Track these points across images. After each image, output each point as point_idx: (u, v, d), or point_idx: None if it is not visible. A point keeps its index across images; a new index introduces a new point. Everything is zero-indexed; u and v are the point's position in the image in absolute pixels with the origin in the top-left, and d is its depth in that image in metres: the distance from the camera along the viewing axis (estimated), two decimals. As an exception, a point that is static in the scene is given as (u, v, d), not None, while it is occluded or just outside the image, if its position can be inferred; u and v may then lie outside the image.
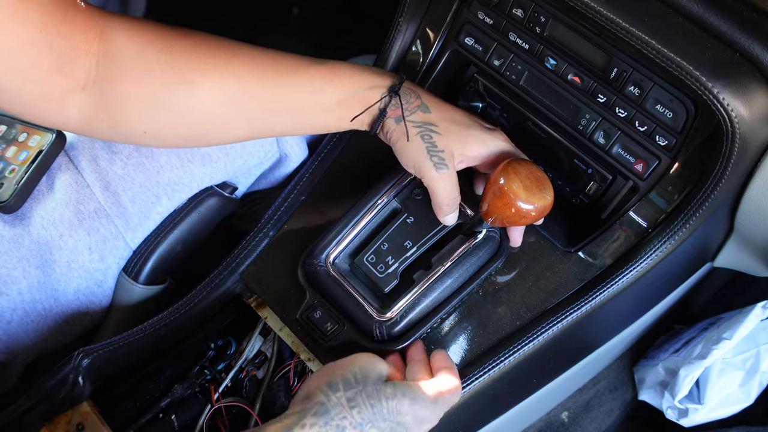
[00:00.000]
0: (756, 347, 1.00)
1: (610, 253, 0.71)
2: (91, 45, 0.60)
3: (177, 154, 0.78)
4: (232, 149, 0.81)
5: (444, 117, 0.68)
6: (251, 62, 0.65)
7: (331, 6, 1.51)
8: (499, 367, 0.68)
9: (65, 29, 0.58)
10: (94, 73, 0.61)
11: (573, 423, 1.16)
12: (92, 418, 0.70)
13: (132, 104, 0.62)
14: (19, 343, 0.76)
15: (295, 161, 0.88)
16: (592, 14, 0.62)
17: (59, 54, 0.58)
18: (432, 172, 0.66)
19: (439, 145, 0.66)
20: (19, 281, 0.73)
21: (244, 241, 0.79)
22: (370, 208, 0.73)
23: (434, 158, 0.66)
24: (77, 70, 0.60)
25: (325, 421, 0.54)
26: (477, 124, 0.69)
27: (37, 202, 0.74)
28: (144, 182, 0.77)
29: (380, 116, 0.67)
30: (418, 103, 0.68)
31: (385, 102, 0.67)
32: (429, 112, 0.67)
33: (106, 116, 0.63)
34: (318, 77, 0.66)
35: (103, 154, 0.76)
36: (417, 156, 0.66)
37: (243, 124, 0.67)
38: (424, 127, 0.66)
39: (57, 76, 0.59)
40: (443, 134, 0.66)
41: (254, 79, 0.64)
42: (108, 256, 0.77)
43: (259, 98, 0.65)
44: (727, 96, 0.58)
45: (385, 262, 0.70)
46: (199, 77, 0.62)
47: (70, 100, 0.61)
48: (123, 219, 0.77)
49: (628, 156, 0.71)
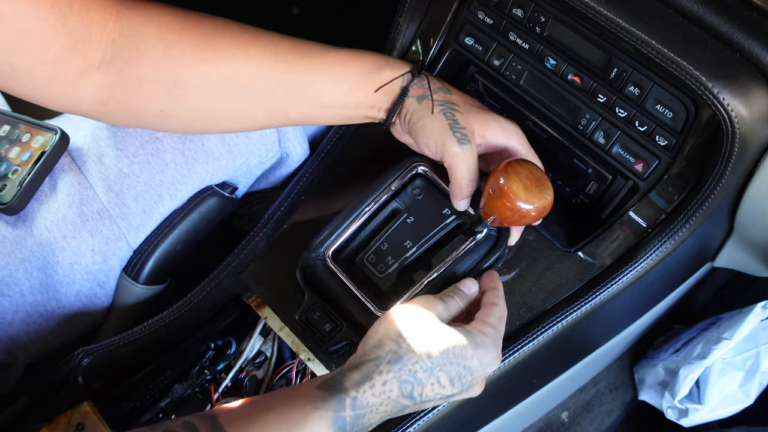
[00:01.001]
0: (756, 347, 1.00)
1: (610, 253, 0.71)
2: (107, 23, 0.59)
3: (182, 151, 0.78)
4: (235, 146, 0.81)
5: (465, 100, 0.69)
6: (271, 45, 0.65)
7: (331, 6, 1.51)
8: (499, 367, 0.68)
9: (77, 5, 0.57)
10: (110, 52, 0.60)
11: (573, 423, 1.16)
12: (92, 418, 0.70)
13: (150, 83, 0.62)
14: (20, 343, 0.76)
15: (296, 161, 0.88)
16: (592, 14, 0.62)
17: (72, 31, 0.57)
18: (455, 148, 0.65)
19: (462, 122, 0.67)
20: (21, 283, 0.73)
21: (244, 241, 0.79)
22: (370, 203, 0.73)
23: (457, 134, 0.66)
24: (92, 49, 0.59)
25: (399, 367, 0.55)
26: (496, 112, 0.70)
27: (40, 204, 0.74)
28: (149, 180, 0.77)
29: (401, 96, 0.67)
30: (440, 85, 0.69)
31: (407, 79, 0.67)
32: (450, 93, 0.69)
33: (123, 96, 0.62)
34: (338, 62, 0.66)
35: (110, 151, 0.76)
36: (440, 132, 0.66)
37: (260, 109, 0.67)
38: (447, 105, 0.67)
39: (71, 54, 0.58)
40: (465, 113, 0.67)
41: (273, 62, 0.64)
42: (111, 258, 0.77)
43: (278, 81, 0.65)
44: (727, 96, 0.58)
45: (385, 262, 0.70)
46: (218, 58, 0.63)
47: (84, 81, 0.60)
48: (126, 219, 0.77)
49: (628, 156, 0.71)
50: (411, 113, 0.68)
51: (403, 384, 0.55)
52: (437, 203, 0.73)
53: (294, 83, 0.66)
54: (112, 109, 0.64)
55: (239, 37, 0.64)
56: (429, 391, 0.56)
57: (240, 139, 0.81)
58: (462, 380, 0.58)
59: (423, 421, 0.67)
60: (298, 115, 0.69)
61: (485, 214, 0.65)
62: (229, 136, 0.80)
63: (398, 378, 0.55)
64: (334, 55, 0.67)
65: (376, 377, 0.55)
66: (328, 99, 0.67)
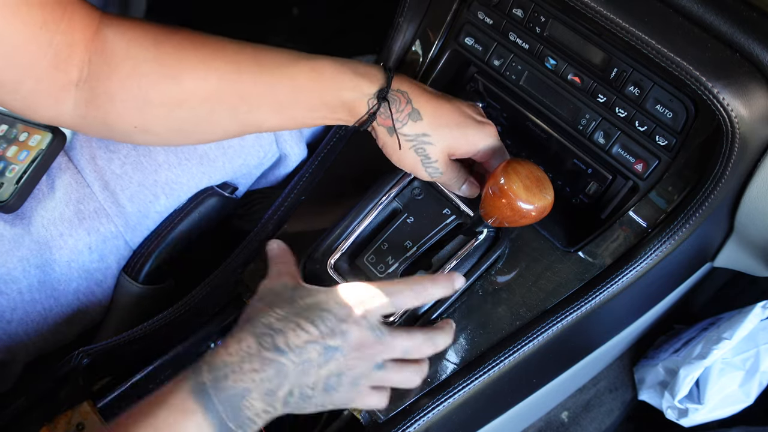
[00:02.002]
0: (756, 347, 1.00)
1: (610, 253, 0.71)
2: (87, 42, 0.61)
3: (174, 152, 0.78)
4: (230, 148, 0.81)
5: (436, 122, 0.66)
6: (233, 57, 0.64)
7: (331, 6, 1.51)
8: (499, 367, 0.68)
9: (64, 26, 0.59)
10: (87, 70, 0.62)
11: (573, 423, 1.16)
12: (92, 418, 0.70)
13: (120, 101, 0.63)
14: (18, 342, 0.76)
15: (295, 161, 0.88)
16: (592, 14, 0.62)
17: (58, 50, 0.59)
18: (428, 179, 0.69)
19: (432, 156, 0.67)
20: (19, 281, 0.73)
21: (244, 241, 0.79)
22: (370, 210, 0.73)
23: (429, 169, 0.68)
24: (71, 67, 0.61)
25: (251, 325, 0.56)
26: (470, 121, 0.68)
27: (38, 202, 0.74)
28: (142, 181, 0.77)
29: (368, 121, 0.67)
30: (409, 111, 0.66)
31: (374, 109, 0.66)
32: (420, 119, 0.66)
33: (98, 112, 0.64)
34: (301, 75, 0.65)
35: (101, 153, 0.76)
36: (412, 165, 0.68)
37: (230, 121, 0.66)
38: (417, 140, 0.66)
39: (54, 71, 0.60)
40: (436, 143, 0.66)
41: (235, 74, 0.64)
42: (108, 256, 0.77)
43: (241, 94, 0.65)
44: (727, 96, 0.58)
45: (385, 262, 0.70)
46: (182, 73, 0.63)
47: (64, 96, 0.62)
48: (122, 218, 0.77)
49: (628, 156, 0.71)
50: (384, 144, 0.68)
51: (261, 337, 0.55)
52: (437, 203, 0.73)
53: (258, 97, 0.65)
54: (90, 123, 0.65)
55: (203, 50, 0.64)
56: (294, 338, 0.55)
57: (234, 141, 0.81)
58: (327, 324, 0.56)
59: (423, 421, 0.67)
60: (272, 125, 0.68)
61: (485, 214, 0.65)
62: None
63: (253, 333, 0.55)
64: (296, 66, 0.65)
65: (229, 339, 0.56)
66: (293, 112, 0.67)
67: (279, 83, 0.65)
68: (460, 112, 0.68)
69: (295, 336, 0.55)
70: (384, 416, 0.68)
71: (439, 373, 0.69)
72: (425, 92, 0.68)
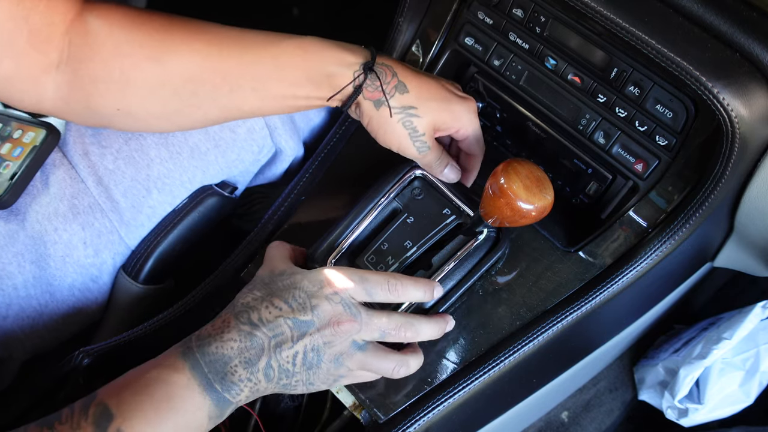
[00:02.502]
0: (756, 347, 1.00)
1: (610, 253, 0.71)
2: (68, 25, 0.62)
3: (166, 146, 0.78)
4: (222, 141, 0.81)
5: (422, 95, 0.67)
6: (216, 38, 0.65)
7: (331, 6, 1.51)
8: (499, 367, 0.68)
9: (43, 6, 0.60)
10: (67, 52, 0.63)
11: (573, 423, 1.16)
12: (92, 418, 0.70)
13: (103, 82, 0.64)
14: (14, 338, 0.76)
15: (290, 155, 0.88)
16: (592, 14, 0.62)
17: (35, 29, 0.60)
18: (415, 154, 0.69)
19: (420, 129, 0.67)
20: (14, 276, 0.73)
21: (245, 241, 0.79)
22: (370, 210, 0.73)
23: (417, 143, 0.68)
24: (51, 48, 0.62)
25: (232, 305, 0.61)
26: (453, 95, 0.69)
27: (32, 198, 0.75)
28: (135, 176, 0.77)
29: (354, 95, 0.66)
30: (395, 83, 0.67)
31: (360, 79, 0.66)
32: (407, 91, 0.67)
33: (80, 95, 0.64)
34: (284, 53, 0.65)
35: (94, 149, 0.77)
36: (400, 139, 0.68)
37: (211, 104, 0.67)
38: (405, 112, 0.67)
39: (34, 51, 0.61)
40: (423, 116, 0.67)
41: (218, 54, 0.64)
42: (103, 251, 0.77)
43: (224, 74, 0.65)
44: (727, 96, 0.58)
45: (385, 262, 0.70)
46: (164, 54, 0.63)
47: (45, 79, 0.63)
48: (116, 213, 0.77)
49: (628, 156, 0.71)
50: (369, 119, 0.68)
51: (238, 314, 0.59)
52: (437, 203, 0.73)
53: (241, 76, 0.65)
54: (73, 107, 0.66)
55: (186, 31, 0.64)
56: (266, 314, 0.59)
57: (225, 133, 0.81)
58: (298, 300, 0.60)
59: (423, 421, 0.67)
60: (252, 108, 0.68)
61: (485, 215, 0.65)
62: (212, 131, 0.80)
63: (233, 312, 0.60)
64: (279, 45, 0.66)
65: (216, 319, 0.60)
66: (276, 91, 0.66)
67: (261, 61, 0.65)
68: (443, 87, 0.69)
69: (267, 312, 0.59)
70: (384, 416, 0.68)
71: (439, 373, 0.69)
72: (408, 67, 0.69)
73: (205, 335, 0.59)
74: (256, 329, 0.58)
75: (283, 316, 0.59)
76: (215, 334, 0.58)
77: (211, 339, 0.58)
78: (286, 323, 0.59)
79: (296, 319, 0.59)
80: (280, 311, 0.59)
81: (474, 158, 0.74)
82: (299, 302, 0.59)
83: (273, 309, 0.59)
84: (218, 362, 0.57)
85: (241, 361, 0.57)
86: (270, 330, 0.58)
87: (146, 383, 0.56)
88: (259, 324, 0.58)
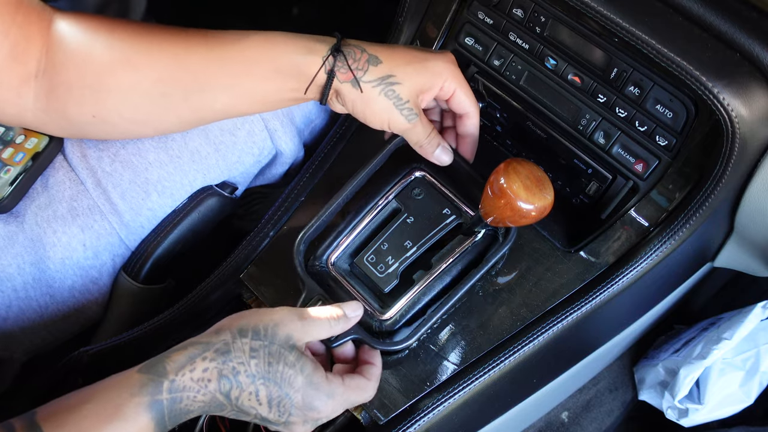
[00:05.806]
0: (756, 347, 1.00)
1: (610, 254, 0.71)
2: (43, 35, 0.63)
3: (165, 150, 0.79)
4: (222, 145, 0.81)
5: (396, 62, 0.66)
6: (185, 39, 0.66)
7: (331, 6, 1.51)
8: (499, 367, 0.68)
9: (20, 18, 0.62)
10: (44, 61, 0.64)
11: (573, 423, 1.16)
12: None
13: (77, 88, 0.64)
14: (14, 340, 0.76)
15: (290, 156, 0.88)
16: (592, 14, 0.62)
17: (15, 42, 0.62)
18: (405, 125, 0.67)
19: (404, 96, 0.66)
20: (14, 278, 0.73)
21: (244, 241, 0.79)
22: (370, 210, 0.73)
23: (404, 111, 0.67)
24: (29, 59, 0.63)
25: (224, 360, 0.56)
26: (427, 54, 0.68)
27: (32, 200, 0.75)
28: (133, 179, 0.77)
29: (329, 80, 0.66)
30: (366, 57, 0.66)
31: (330, 63, 0.65)
32: (380, 62, 0.66)
33: (57, 103, 0.65)
34: (252, 47, 0.65)
35: (92, 152, 0.77)
36: (387, 114, 0.67)
37: (183, 105, 0.67)
38: (384, 82, 0.66)
39: (14, 63, 0.62)
40: (403, 82, 0.66)
41: (186, 53, 0.65)
42: (102, 253, 0.77)
43: (193, 73, 0.65)
44: (727, 96, 0.58)
45: (385, 262, 0.70)
46: (136, 56, 0.64)
47: (25, 89, 0.64)
48: (116, 215, 0.77)
49: (628, 156, 0.71)
50: (353, 102, 0.67)
51: (223, 379, 0.56)
52: (437, 203, 0.73)
53: (211, 74, 0.65)
54: (53, 118, 0.67)
55: (156, 35, 0.65)
56: (245, 399, 0.57)
57: (225, 137, 0.81)
58: (280, 408, 0.58)
59: (423, 422, 0.67)
60: (224, 106, 0.68)
61: (485, 214, 0.65)
62: (213, 135, 0.80)
63: (219, 371, 0.56)
64: (246, 41, 0.66)
65: (198, 362, 0.55)
66: (247, 86, 0.66)
67: (229, 56, 0.65)
68: (414, 49, 0.69)
69: (247, 399, 0.57)
70: (384, 417, 0.68)
71: (439, 373, 0.69)
72: (376, 43, 0.68)
73: (180, 386, 0.55)
74: (228, 402, 0.57)
75: (258, 412, 0.58)
76: (191, 388, 0.55)
77: (184, 395, 0.55)
78: (256, 415, 0.58)
79: (267, 420, 0.58)
80: (259, 405, 0.57)
81: (469, 118, 0.72)
82: (281, 411, 0.58)
83: (254, 400, 0.57)
84: (181, 413, 0.55)
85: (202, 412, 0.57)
86: (240, 412, 0.58)
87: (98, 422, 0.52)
88: (234, 403, 0.57)
